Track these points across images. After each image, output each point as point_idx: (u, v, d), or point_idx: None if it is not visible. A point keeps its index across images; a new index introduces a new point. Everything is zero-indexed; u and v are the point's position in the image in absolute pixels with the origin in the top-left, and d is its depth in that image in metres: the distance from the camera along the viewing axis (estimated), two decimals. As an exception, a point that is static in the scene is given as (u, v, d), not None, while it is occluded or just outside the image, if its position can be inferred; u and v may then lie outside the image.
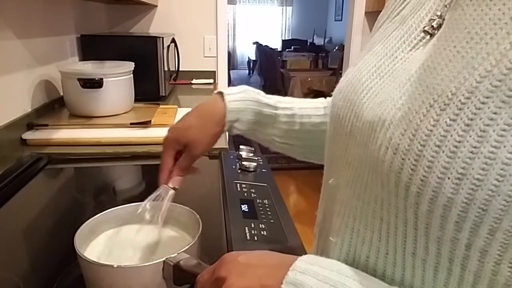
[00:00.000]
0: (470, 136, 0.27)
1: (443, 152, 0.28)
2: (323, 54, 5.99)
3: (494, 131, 0.26)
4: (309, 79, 4.32)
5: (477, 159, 0.27)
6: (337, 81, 0.48)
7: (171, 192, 0.56)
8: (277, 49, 6.44)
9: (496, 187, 0.26)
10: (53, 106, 1.38)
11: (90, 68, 1.39)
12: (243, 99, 0.59)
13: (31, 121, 1.17)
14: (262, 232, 0.67)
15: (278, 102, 0.62)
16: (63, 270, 0.57)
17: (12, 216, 0.79)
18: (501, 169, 0.26)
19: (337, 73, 4.24)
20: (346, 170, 0.40)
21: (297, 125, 0.62)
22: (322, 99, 0.66)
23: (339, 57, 4.07)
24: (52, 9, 1.41)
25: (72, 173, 1.07)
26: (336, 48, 5.68)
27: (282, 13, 8.26)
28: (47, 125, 1.17)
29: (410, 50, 0.38)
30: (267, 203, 0.78)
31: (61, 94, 1.38)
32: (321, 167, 0.50)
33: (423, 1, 0.40)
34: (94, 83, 1.25)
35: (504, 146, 0.26)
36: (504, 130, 0.26)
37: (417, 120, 0.30)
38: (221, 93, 0.59)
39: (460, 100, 0.28)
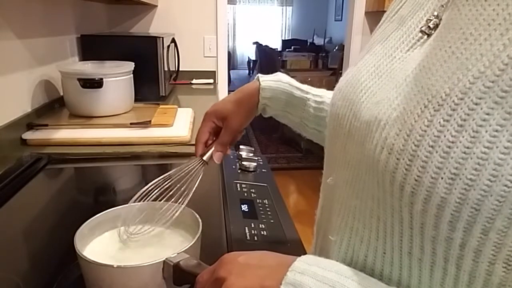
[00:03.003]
0: (463, 137, 0.27)
1: (437, 152, 0.28)
2: (323, 54, 5.97)
3: (486, 131, 0.27)
4: (309, 79, 4.31)
5: (470, 159, 0.27)
6: (337, 81, 0.49)
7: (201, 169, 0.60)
8: (277, 49, 6.42)
9: (489, 187, 0.26)
10: (53, 106, 1.37)
11: (90, 68, 1.39)
12: (276, 79, 0.65)
13: (31, 121, 1.17)
14: (262, 232, 0.67)
15: (309, 89, 0.67)
16: (63, 270, 0.57)
17: (12, 216, 0.79)
18: (494, 170, 0.26)
19: (337, 73, 4.24)
20: (345, 169, 0.40)
21: (325, 112, 0.64)
22: None
23: (339, 57, 4.06)
24: (52, 9, 1.41)
25: (72, 173, 1.07)
26: (336, 48, 5.67)
27: (282, 13, 8.25)
28: (47, 125, 1.17)
29: (408, 50, 0.38)
30: (267, 203, 0.78)
31: (61, 94, 1.38)
32: (320, 167, 0.51)
33: (422, 2, 0.40)
34: (94, 83, 1.25)
35: (497, 147, 0.26)
36: (496, 130, 0.26)
37: (411, 121, 0.31)
38: (257, 78, 0.66)
39: (453, 101, 0.28)
